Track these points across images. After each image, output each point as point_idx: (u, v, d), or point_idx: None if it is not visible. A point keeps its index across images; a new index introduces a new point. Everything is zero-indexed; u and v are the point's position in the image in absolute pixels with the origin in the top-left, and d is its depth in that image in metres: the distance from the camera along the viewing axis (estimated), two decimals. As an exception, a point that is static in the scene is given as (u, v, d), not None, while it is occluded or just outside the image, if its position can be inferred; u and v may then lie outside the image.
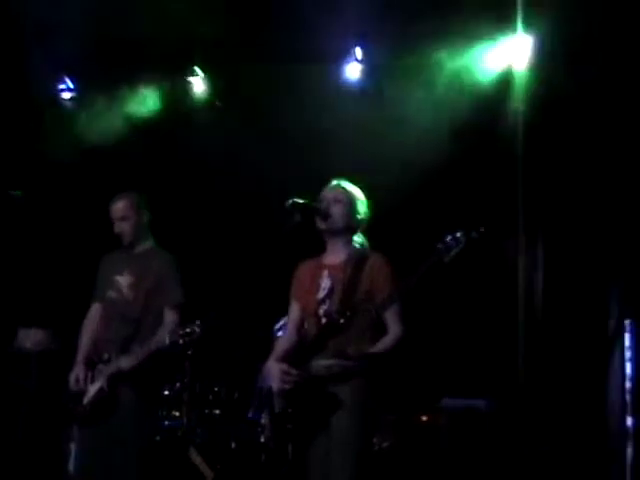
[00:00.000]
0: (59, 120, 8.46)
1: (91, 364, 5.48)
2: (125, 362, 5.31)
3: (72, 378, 5.47)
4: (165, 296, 5.52)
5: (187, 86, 8.42)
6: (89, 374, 5.44)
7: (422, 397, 6.62)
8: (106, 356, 5.42)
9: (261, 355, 6.52)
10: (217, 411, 7.17)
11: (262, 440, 6.46)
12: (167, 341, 5.16)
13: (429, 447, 6.20)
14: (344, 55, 7.97)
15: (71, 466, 6.72)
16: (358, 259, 4.66)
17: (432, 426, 6.27)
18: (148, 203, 5.69)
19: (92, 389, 5.41)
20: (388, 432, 6.15)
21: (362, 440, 4.48)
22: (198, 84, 8.42)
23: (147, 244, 5.70)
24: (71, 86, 8.63)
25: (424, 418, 6.30)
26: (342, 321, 4.45)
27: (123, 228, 5.60)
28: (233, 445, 6.84)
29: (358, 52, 7.92)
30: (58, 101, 8.64)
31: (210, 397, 7.21)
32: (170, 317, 5.49)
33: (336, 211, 4.68)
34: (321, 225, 4.70)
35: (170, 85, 8.36)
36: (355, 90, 7.94)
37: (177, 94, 8.39)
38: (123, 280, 5.60)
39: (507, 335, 6.99)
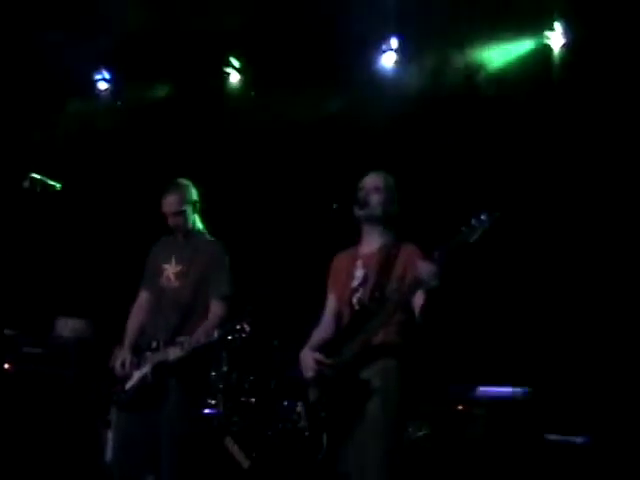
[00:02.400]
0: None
1: (138, 350, 5.50)
2: (172, 353, 5.29)
3: (118, 363, 5.49)
4: (212, 287, 5.50)
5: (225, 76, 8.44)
6: (135, 360, 5.46)
7: (456, 386, 6.56)
8: (154, 344, 5.42)
9: (297, 345, 6.63)
10: (253, 400, 7.17)
11: (297, 428, 6.47)
12: (216, 335, 5.18)
13: (465, 437, 6.15)
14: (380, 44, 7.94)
15: (108, 454, 6.87)
16: (392, 247, 4.67)
17: (468, 416, 6.22)
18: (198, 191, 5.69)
19: (136, 375, 5.43)
20: (423, 422, 6.12)
21: (395, 428, 4.47)
22: (234, 75, 8.44)
23: (197, 232, 5.68)
24: (107, 77, 8.67)
25: (460, 407, 6.25)
26: (374, 308, 4.45)
27: (177, 222, 5.60)
28: (269, 433, 6.84)
29: (393, 42, 7.89)
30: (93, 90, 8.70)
31: (246, 386, 7.21)
32: (217, 310, 5.47)
33: (374, 199, 4.70)
34: (358, 213, 4.71)
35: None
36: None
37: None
38: (172, 268, 5.60)
39: (541, 321, 6.94)
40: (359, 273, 4.70)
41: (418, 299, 4.40)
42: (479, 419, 6.20)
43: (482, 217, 4.18)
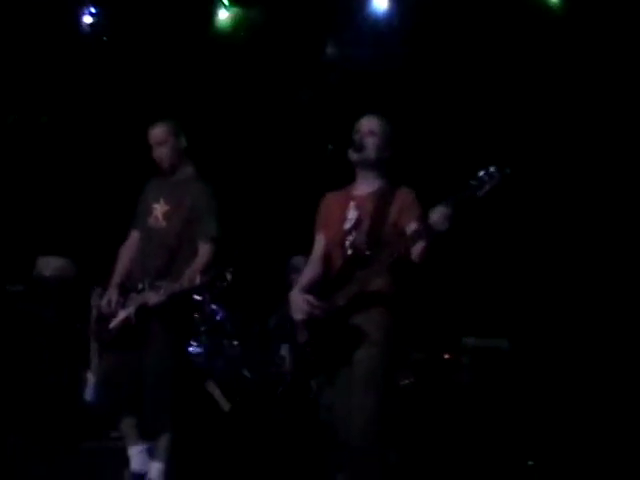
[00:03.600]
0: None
1: (125, 290, 5.44)
2: (152, 297, 5.24)
3: (104, 301, 5.45)
4: (199, 228, 5.42)
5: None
6: (121, 300, 5.41)
7: (443, 335, 6.56)
8: (140, 285, 5.36)
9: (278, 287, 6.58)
10: (235, 342, 7.13)
11: (281, 371, 6.46)
12: (198, 281, 5.12)
13: (451, 385, 6.15)
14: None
15: (87, 394, 6.82)
16: (387, 191, 4.58)
17: (454, 364, 6.22)
18: (184, 131, 5.60)
19: (121, 314, 5.37)
20: (409, 370, 6.10)
21: (385, 377, 4.40)
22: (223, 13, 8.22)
23: (186, 171, 5.59)
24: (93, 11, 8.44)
25: (446, 356, 6.24)
26: (368, 253, 4.37)
27: (161, 152, 5.52)
28: (250, 376, 6.82)
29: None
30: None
31: (229, 328, 7.16)
32: (204, 251, 5.37)
33: (370, 142, 4.59)
34: (353, 156, 4.61)
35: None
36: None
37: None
38: (160, 208, 5.53)
39: (528, 274, 6.92)
40: (352, 215, 4.59)
41: (417, 246, 4.29)
42: (465, 368, 6.19)
43: (492, 171, 4.08)
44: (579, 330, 6.68)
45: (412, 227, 4.33)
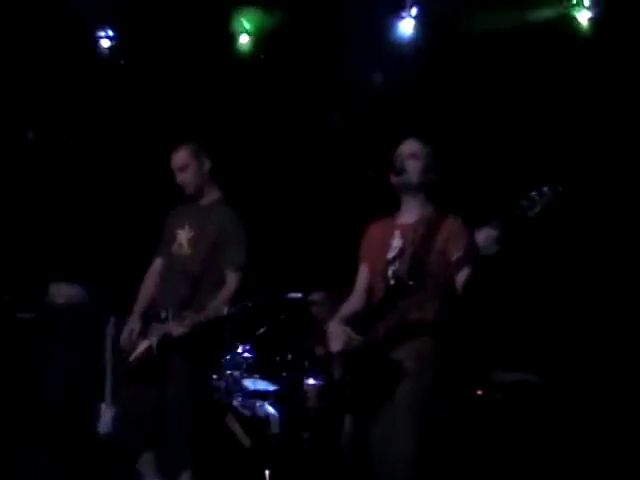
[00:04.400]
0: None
1: (147, 320, 5.25)
2: (176, 328, 5.02)
3: (126, 331, 5.27)
4: (227, 257, 5.22)
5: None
6: (143, 329, 5.22)
7: (472, 369, 6.32)
8: (164, 314, 5.15)
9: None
10: (257, 375, 6.89)
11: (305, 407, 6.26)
12: (225, 312, 4.93)
13: (485, 420, 5.93)
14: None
15: (102, 427, 6.62)
16: (433, 219, 4.38)
17: (488, 400, 6.00)
18: (210, 153, 5.42)
19: (141, 345, 5.17)
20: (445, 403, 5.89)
21: (426, 416, 4.17)
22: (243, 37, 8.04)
23: (212, 196, 5.41)
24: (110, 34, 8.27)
25: (479, 392, 6.01)
26: (411, 283, 4.15)
27: (184, 178, 5.33)
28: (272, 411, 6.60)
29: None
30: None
31: (250, 360, 6.92)
32: (231, 281, 5.19)
33: (412, 166, 4.40)
34: (395, 180, 4.41)
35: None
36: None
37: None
38: (184, 234, 5.33)
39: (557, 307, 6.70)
40: (396, 244, 4.39)
41: (461, 274, 4.08)
42: (498, 404, 5.97)
43: (544, 190, 3.86)
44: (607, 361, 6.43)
45: (457, 255, 4.10)
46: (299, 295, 6.26)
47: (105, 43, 8.22)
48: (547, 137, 6.76)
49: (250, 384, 6.80)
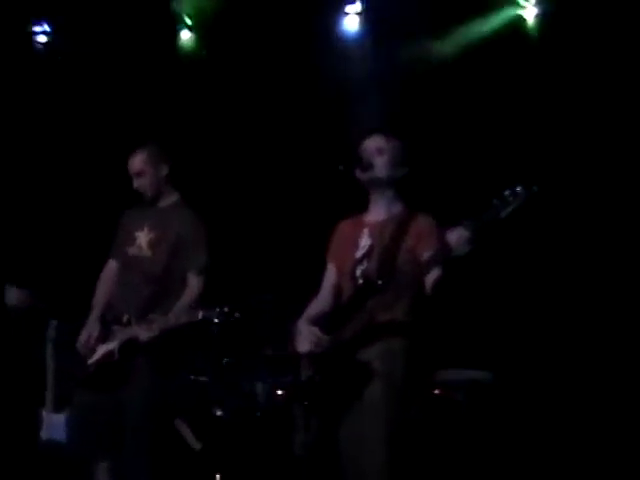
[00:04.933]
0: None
1: (105, 324, 5.10)
2: (144, 332, 4.87)
3: (83, 336, 5.12)
4: (188, 259, 5.13)
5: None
6: (101, 334, 5.09)
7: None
8: (125, 318, 5.02)
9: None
10: (204, 378, 6.76)
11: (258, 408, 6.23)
12: (200, 317, 4.80)
13: (444, 421, 5.88)
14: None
15: (44, 434, 6.44)
16: (403, 217, 4.28)
17: (446, 399, 5.96)
18: (168, 155, 5.34)
19: (100, 350, 5.04)
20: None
21: (397, 417, 4.09)
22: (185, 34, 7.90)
23: (171, 198, 5.32)
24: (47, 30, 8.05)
25: (437, 391, 5.97)
26: (380, 282, 4.05)
27: (141, 183, 5.24)
28: (222, 414, 6.48)
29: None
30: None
31: (196, 363, 6.79)
32: (194, 284, 5.11)
33: (379, 161, 4.30)
34: (361, 176, 4.30)
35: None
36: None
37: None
38: (143, 236, 5.22)
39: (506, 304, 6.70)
40: (364, 242, 4.29)
41: (432, 274, 4.02)
42: (457, 403, 5.94)
43: (518, 190, 3.79)
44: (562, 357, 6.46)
45: (428, 254, 4.03)
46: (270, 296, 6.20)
47: (41, 38, 8.01)
48: (518, 134, 6.73)
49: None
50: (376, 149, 4.33)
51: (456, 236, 3.81)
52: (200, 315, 4.78)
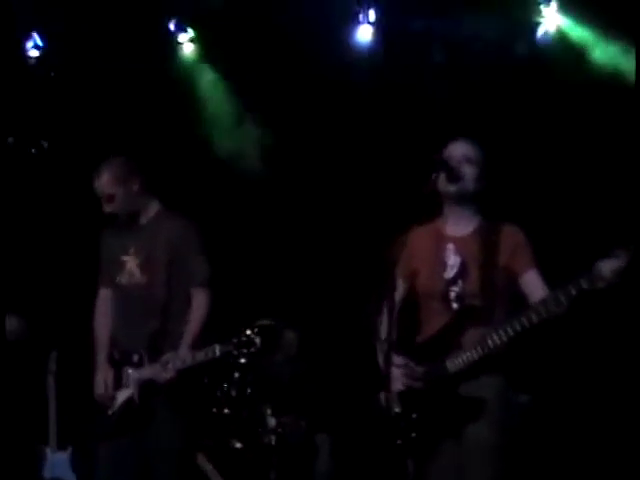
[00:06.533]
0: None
1: (115, 364, 4.64)
2: (160, 374, 4.46)
3: (99, 383, 4.63)
4: (189, 272, 4.59)
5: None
6: (114, 376, 4.62)
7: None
8: (136, 357, 4.56)
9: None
10: (226, 410, 6.47)
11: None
12: (217, 353, 4.37)
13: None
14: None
15: (47, 472, 6.34)
16: (490, 230, 3.87)
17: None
18: (136, 164, 4.75)
19: (120, 398, 4.59)
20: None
21: (504, 454, 3.73)
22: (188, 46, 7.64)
23: (152, 210, 4.72)
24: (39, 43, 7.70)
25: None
26: (481, 305, 3.72)
27: (114, 208, 4.64)
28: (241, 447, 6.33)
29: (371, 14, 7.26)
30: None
31: (218, 394, 6.51)
32: (200, 300, 4.58)
33: (468, 172, 3.87)
34: (449, 188, 3.86)
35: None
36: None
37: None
38: (132, 260, 4.64)
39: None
40: (453, 261, 3.85)
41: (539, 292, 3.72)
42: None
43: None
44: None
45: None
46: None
47: (33, 53, 7.67)
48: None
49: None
50: (465, 158, 3.90)
51: (610, 266, 3.42)
52: (218, 352, 4.36)
